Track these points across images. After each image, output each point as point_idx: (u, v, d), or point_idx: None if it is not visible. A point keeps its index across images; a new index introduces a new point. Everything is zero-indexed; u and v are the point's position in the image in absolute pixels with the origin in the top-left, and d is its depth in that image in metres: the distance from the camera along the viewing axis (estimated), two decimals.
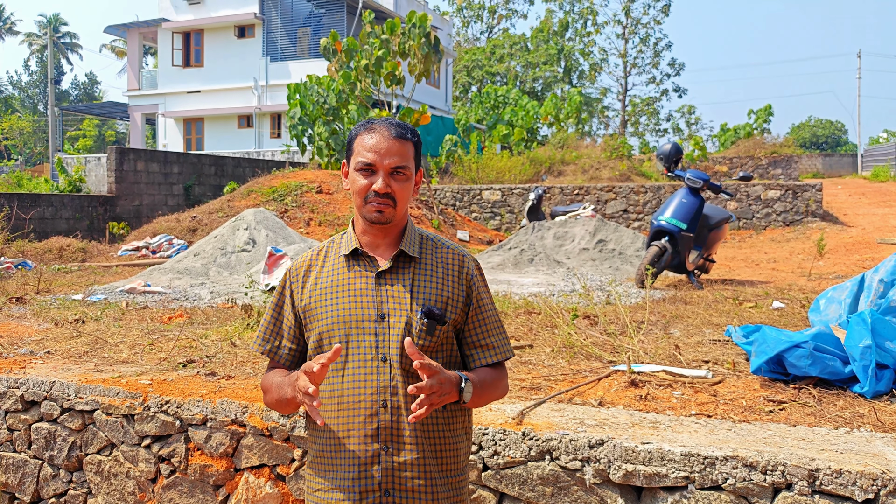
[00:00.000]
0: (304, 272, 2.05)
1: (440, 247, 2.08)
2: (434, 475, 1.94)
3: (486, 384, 2.00)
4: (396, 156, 1.94)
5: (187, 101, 31.98)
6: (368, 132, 1.97)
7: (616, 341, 4.63)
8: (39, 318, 6.26)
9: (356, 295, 1.97)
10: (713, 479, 2.68)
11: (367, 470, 1.89)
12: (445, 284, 2.01)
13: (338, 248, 2.06)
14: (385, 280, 1.98)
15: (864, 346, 3.55)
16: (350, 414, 1.91)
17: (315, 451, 2.00)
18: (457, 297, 2.02)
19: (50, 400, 3.92)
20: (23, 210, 15.31)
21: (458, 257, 2.07)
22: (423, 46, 18.38)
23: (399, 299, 1.96)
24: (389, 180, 1.94)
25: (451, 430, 2.00)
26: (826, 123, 65.96)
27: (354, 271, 2.00)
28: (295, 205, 14.92)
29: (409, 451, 1.91)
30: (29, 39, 65.66)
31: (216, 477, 3.53)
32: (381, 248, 2.02)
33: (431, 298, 1.98)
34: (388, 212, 1.95)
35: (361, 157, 1.95)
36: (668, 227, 8.39)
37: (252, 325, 5.42)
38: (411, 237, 2.04)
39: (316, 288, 2.01)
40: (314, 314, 1.99)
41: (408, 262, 2.01)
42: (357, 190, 1.96)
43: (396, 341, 1.93)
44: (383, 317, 1.94)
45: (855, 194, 23.29)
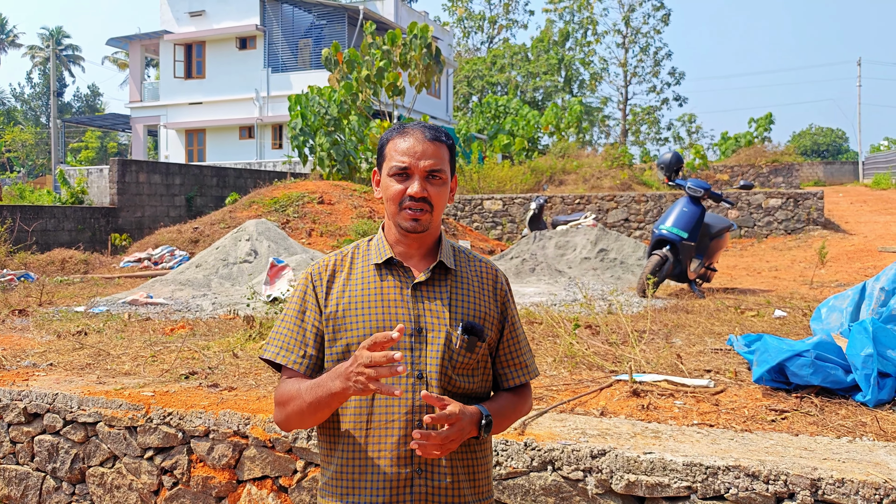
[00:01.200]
0: (329, 277, 1.91)
1: (473, 260, 1.99)
2: (468, 499, 1.85)
3: (508, 411, 1.93)
4: (432, 158, 1.84)
5: (189, 112, 32.11)
6: (401, 136, 1.87)
7: (618, 351, 4.63)
8: (42, 330, 6.27)
9: (390, 306, 1.84)
10: (715, 489, 2.68)
11: (400, 495, 1.78)
12: (482, 299, 1.92)
13: (365, 255, 1.94)
14: (421, 292, 1.87)
15: (865, 355, 3.55)
16: (381, 434, 1.79)
17: (332, 473, 1.86)
18: (493, 314, 1.94)
19: (53, 412, 3.92)
20: (25, 222, 15.35)
21: (492, 272, 1.99)
22: (425, 57, 18.46)
23: (437, 313, 1.85)
24: (425, 184, 1.84)
25: (483, 452, 1.92)
26: (827, 131, 66.05)
27: (388, 281, 1.87)
28: (296, 215, 14.95)
29: (444, 476, 1.81)
30: (31, 52, 66.02)
31: (218, 489, 3.53)
32: (415, 259, 1.91)
33: (470, 313, 1.88)
34: (425, 218, 1.84)
35: (395, 161, 1.84)
36: (669, 237, 8.40)
37: (254, 336, 5.43)
38: (447, 248, 1.94)
39: (344, 295, 1.87)
40: (343, 324, 1.85)
41: (444, 274, 1.91)
42: (391, 196, 1.85)
43: (435, 358, 1.82)
44: (420, 331, 1.83)
45: (856, 202, 23.29)
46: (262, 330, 5.57)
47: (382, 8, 32.76)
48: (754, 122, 34.48)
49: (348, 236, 13.87)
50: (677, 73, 51.21)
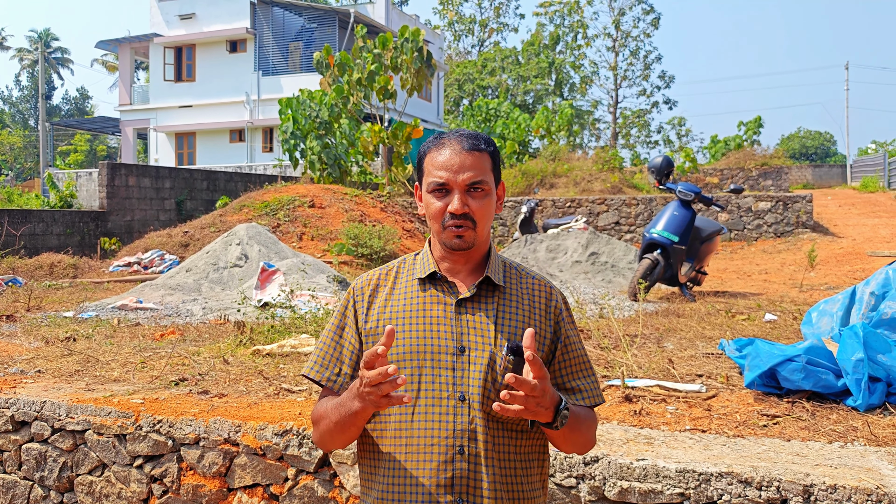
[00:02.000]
0: (371, 292, 1.84)
1: (525, 276, 1.87)
2: None
3: (581, 420, 1.77)
4: (471, 170, 1.73)
5: (179, 115, 31.98)
6: (438, 148, 1.77)
7: (610, 355, 4.63)
8: (30, 336, 6.21)
9: (433, 323, 1.75)
10: (708, 496, 2.68)
11: None
12: (532, 318, 1.79)
13: (410, 270, 1.85)
14: (466, 309, 1.77)
15: (856, 360, 3.56)
16: (421, 459, 1.69)
17: (377, 494, 1.76)
18: (544, 333, 1.80)
19: (41, 420, 3.88)
20: (13, 226, 15.23)
21: (546, 289, 1.86)
22: (416, 61, 18.46)
23: (482, 332, 1.74)
24: (466, 199, 1.73)
25: (530, 482, 1.78)
26: (815, 135, 66.45)
27: (431, 296, 1.78)
28: (287, 219, 14.90)
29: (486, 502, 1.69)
30: (20, 54, 65.62)
31: (209, 497, 3.50)
32: (461, 274, 1.82)
33: (518, 333, 1.75)
34: (469, 235, 1.74)
35: (433, 176, 1.75)
36: (660, 240, 8.43)
37: (245, 342, 5.40)
38: (496, 263, 1.83)
39: (385, 311, 1.80)
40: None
41: (492, 290, 1.80)
42: (432, 214, 1.76)
43: (478, 379, 1.71)
44: (463, 350, 1.73)
45: (845, 205, 23.44)
46: (252, 335, 5.55)
47: (373, 11, 32.75)
48: (743, 126, 34.63)
49: (339, 240, 13.84)
50: (667, 77, 51.42)
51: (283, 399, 3.91)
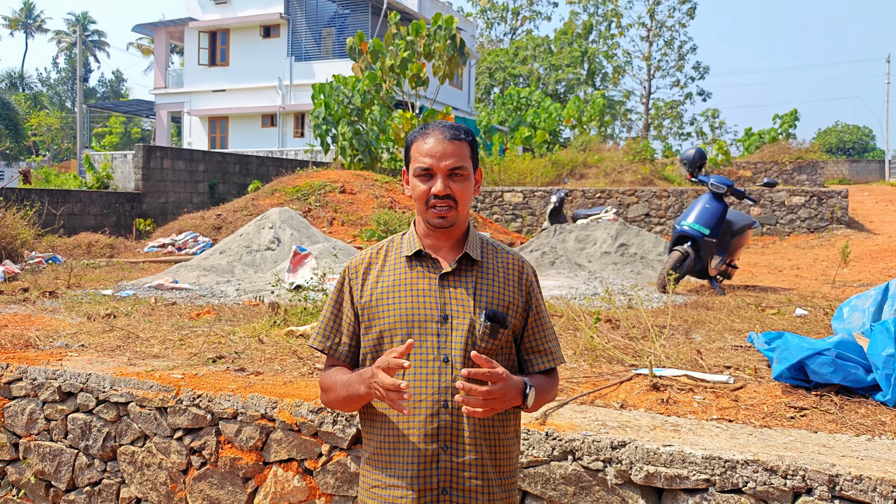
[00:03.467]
0: (364, 270, 2.07)
1: (500, 252, 2.10)
2: (490, 476, 1.98)
3: (546, 388, 2.06)
4: (452, 157, 1.96)
5: (212, 99, 32.35)
6: (423, 137, 2.00)
7: (638, 345, 4.68)
8: (72, 312, 6.42)
9: (419, 295, 1.98)
10: (734, 483, 2.73)
11: (427, 469, 1.93)
12: (506, 289, 2.03)
13: (398, 248, 2.08)
14: (448, 282, 2.00)
15: (887, 355, 3.56)
16: (411, 414, 1.93)
17: (372, 449, 2.03)
18: (517, 303, 2.04)
19: (86, 392, 4.04)
20: (53, 206, 15.61)
21: (518, 263, 2.10)
22: (449, 49, 18.47)
23: (462, 301, 1.98)
24: (448, 182, 1.96)
25: (506, 433, 2.04)
26: (853, 129, 65.16)
27: (417, 272, 2.01)
28: (318, 204, 15.07)
29: (468, 452, 1.94)
30: (58, 37, 66.77)
31: (245, 470, 3.63)
32: (443, 251, 2.04)
33: (494, 302, 2.00)
34: (451, 215, 1.98)
35: (418, 162, 1.98)
36: (690, 233, 8.40)
37: (279, 322, 5.53)
38: (474, 241, 2.07)
39: (377, 286, 2.03)
40: (375, 312, 2.01)
41: (471, 265, 2.03)
42: (418, 195, 1.99)
43: (459, 343, 1.95)
44: (446, 318, 1.96)
45: (882, 201, 23.02)
46: (286, 317, 5.68)
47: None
48: (779, 119, 34.09)
49: (369, 226, 13.97)
50: (702, 68, 50.71)
51: (317, 378, 4.02)
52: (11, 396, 4.28)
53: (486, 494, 1.96)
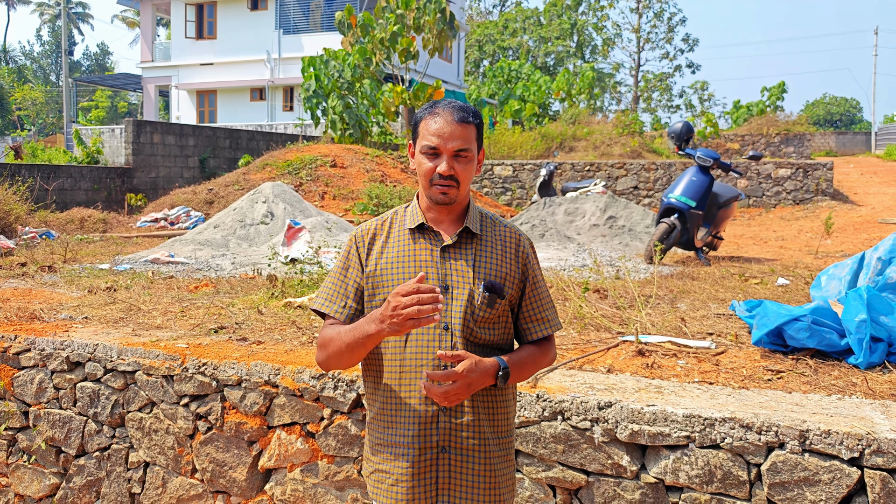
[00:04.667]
0: (370, 240, 2.17)
1: (498, 225, 2.21)
2: (487, 435, 2.10)
3: (529, 362, 2.16)
4: (459, 139, 2.04)
5: (200, 73, 32.10)
6: (432, 116, 2.07)
7: (625, 314, 4.86)
8: (72, 285, 6.53)
9: (421, 266, 2.09)
10: (712, 439, 2.92)
11: (427, 429, 2.05)
12: (504, 261, 2.15)
13: (402, 221, 2.18)
14: (449, 254, 2.11)
15: (859, 321, 3.75)
16: (412, 377, 2.06)
17: (375, 411, 2.15)
18: (514, 274, 2.16)
19: (94, 361, 4.19)
20: (44, 181, 15.60)
21: (516, 236, 2.21)
22: (438, 22, 18.43)
23: (462, 273, 2.10)
24: (453, 163, 2.04)
25: (503, 394, 2.16)
26: (841, 101, 65.37)
27: (420, 244, 2.12)
28: (309, 178, 15.13)
29: (466, 413, 2.07)
30: (40, 9, 65.69)
31: (250, 434, 3.80)
32: (445, 224, 2.14)
33: (492, 273, 2.12)
34: (452, 193, 2.07)
35: (426, 140, 2.05)
36: (677, 205, 8.57)
37: (277, 294, 5.67)
38: (474, 215, 2.17)
39: (382, 256, 2.13)
40: (381, 281, 2.11)
41: (470, 238, 2.14)
42: (422, 172, 2.07)
43: (459, 312, 2.06)
44: (447, 288, 2.08)
45: (867, 173, 23.28)
46: (284, 289, 5.82)
47: None
48: (767, 91, 34.22)
49: (361, 199, 14.07)
50: (691, 40, 50.65)
51: (316, 347, 4.18)
52: (20, 367, 4.42)
53: (483, 453, 2.08)
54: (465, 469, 2.08)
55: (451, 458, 2.07)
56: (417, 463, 2.06)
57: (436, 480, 2.08)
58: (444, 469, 2.07)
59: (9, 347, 4.46)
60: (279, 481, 3.76)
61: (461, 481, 2.08)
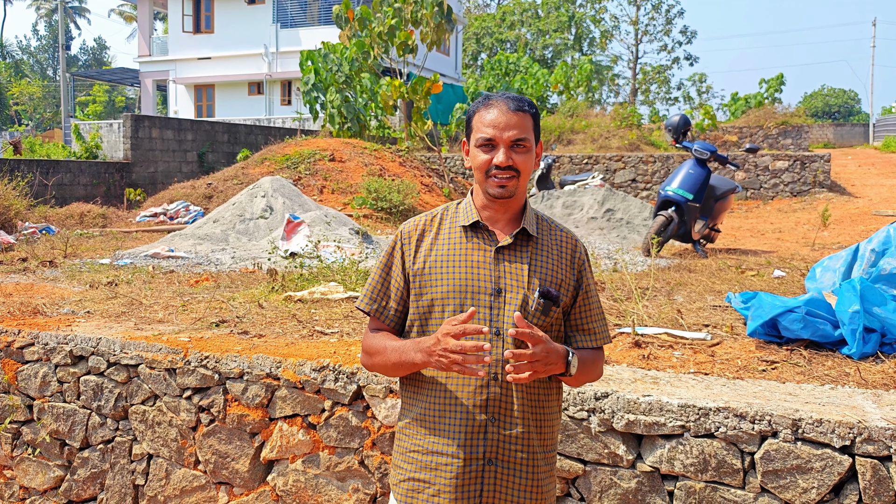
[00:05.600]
0: (418, 237, 2.07)
1: (555, 229, 2.12)
2: (536, 449, 2.01)
3: (588, 363, 2.06)
4: (516, 129, 1.95)
5: (198, 67, 32.07)
6: (486, 108, 1.99)
7: (622, 306, 4.91)
8: (73, 280, 6.58)
9: (474, 267, 1.99)
10: (706, 428, 2.97)
11: (474, 439, 1.94)
12: (560, 267, 2.06)
13: (453, 217, 2.08)
14: (504, 256, 2.01)
15: (853, 311, 3.81)
16: (460, 383, 1.96)
17: (416, 414, 2.03)
18: (569, 281, 2.07)
19: (97, 355, 4.24)
20: (43, 176, 15.62)
21: (572, 241, 2.12)
22: (436, 15, 18.42)
23: (517, 276, 1.99)
24: (510, 153, 1.96)
25: (550, 407, 2.07)
26: (839, 93, 65.36)
27: (473, 243, 2.02)
28: (308, 172, 15.16)
29: (516, 425, 1.97)
30: (37, 3, 65.51)
31: (252, 425, 3.85)
32: (500, 223, 2.05)
33: (547, 279, 2.02)
34: (511, 184, 1.97)
35: (481, 132, 1.97)
36: (674, 198, 8.62)
37: (277, 288, 5.72)
38: (531, 216, 2.08)
39: (431, 254, 2.03)
40: (428, 280, 2.01)
41: (527, 240, 2.04)
42: (478, 165, 1.98)
43: (511, 317, 1.94)
44: (500, 291, 1.98)
45: (864, 165, 23.33)
46: (284, 283, 5.87)
47: None
48: (765, 83, 34.21)
49: (359, 194, 14.10)
50: (689, 32, 50.59)
51: (317, 340, 4.23)
52: (24, 361, 4.47)
53: (531, 467, 1.99)
54: (511, 483, 1.98)
55: (498, 471, 1.97)
56: (462, 474, 1.95)
57: (480, 493, 1.97)
58: (490, 482, 1.97)
59: (12, 342, 4.50)
60: (281, 472, 3.81)
61: (507, 495, 1.98)
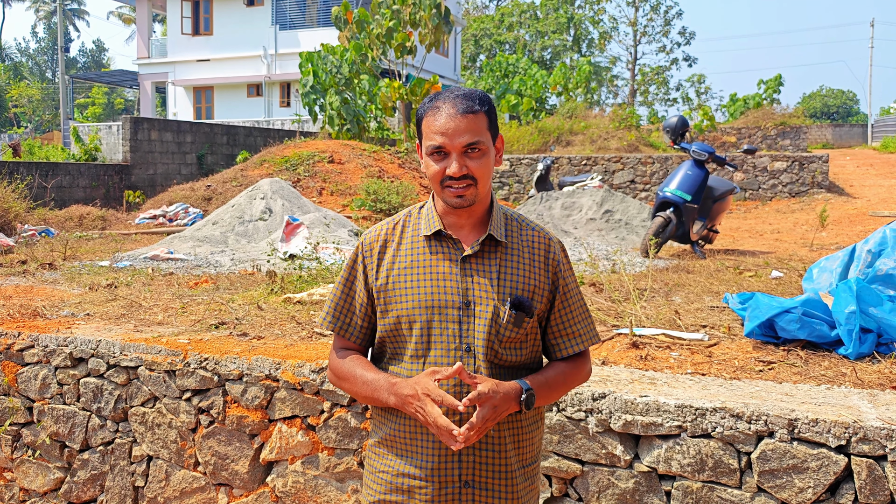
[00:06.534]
0: (380, 248, 1.93)
1: (525, 228, 1.96)
2: (513, 466, 1.90)
3: (559, 381, 1.93)
4: (467, 133, 1.78)
5: (197, 69, 32.10)
6: (434, 112, 1.81)
7: (620, 307, 4.92)
8: (72, 282, 6.59)
9: (440, 279, 1.85)
10: (703, 428, 2.99)
11: (447, 461, 1.84)
12: (532, 272, 1.91)
13: (416, 225, 1.93)
14: (471, 265, 1.87)
15: (849, 312, 3.82)
16: None
17: (385, 433, 1.93)
18: (543, 286, 1.92)
19: (96, 357, 4.25)
20: (43, 178, 15.63)
21: (545, 241, 1.96)
22: (434, 17, 18.46)
23: (486, 287, 1.85)
24: (464, 160, 1.79)
25: (529, 420, 1.95)
26: (837, 93, 65.46)
27: (437, 253, 1.88)
28: (307, 174, 15.18)
29: (491, 443, 1.86)
30: (36, 6, 65.55)
31: (252, 427, 3.86)
32: (465, 230, 1.90)
33: (519, 287, 1.88)
34: (470, 193, 1.82)
35: (430, 140, 1.81)
36: (673, 199, 8.64)
37: (276, 290, 5.74)
38: (498, 218, 1.92)
39: (394, 267, 1.89)
40: (393, 296, 1.88)
41: (494, 246, 1.90)
42: (432, 175, 1.83)
43: (483, 331, 1.84)
44: (469, 304, 1.84)
45: (863, 165, 23.36)
46: (283, 285, 5.88)
47: None
48: (763, 84, 34.29)
49: (358, 195, 14.12)
50: (688, 33, 50.67)
51: (316, 342, 4.25)
52: (24, 363, 4.48)
53: (510, 486, 1.88)
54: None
55: (476, 492, 1.86)
56: (437, 499, 1.85)
57: None
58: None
59: (12, 344, 4.52)
60: (280, 473, 3.83)
61: None
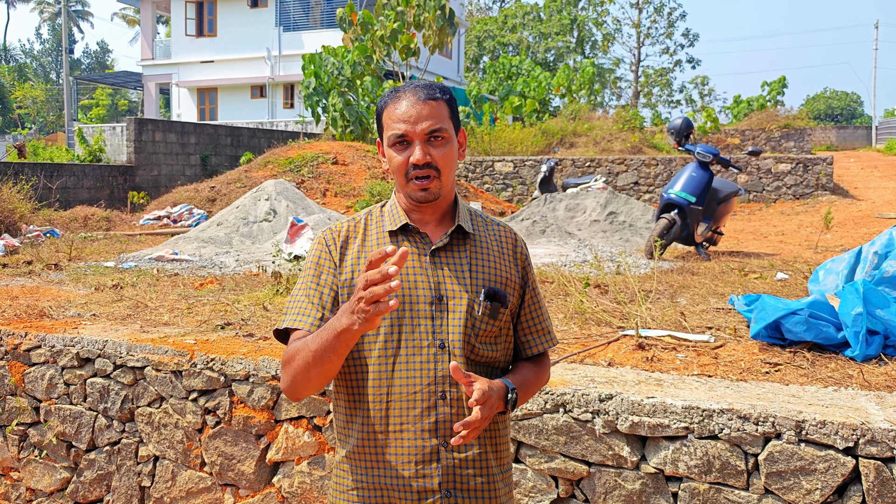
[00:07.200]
0: (342, 244, 1.83)
1: (489, 223, 1.93)
2: (494, 471, 1.83)
3: (532, 382, 1.89)
4: (429, 119, 1.72)
5: (201, 70, 32.16)
6: (395, 102, 1.76)
7: (625, 308, 4.92)
8: (78, 283, 6.61)
9: (409, 274, 1.76)
10: (710, 430, 2.99)
11: (426, 468, 1.73)
12: (503, 263, 1.87)
13: (379, 222, 1.85)
14: (441, 258, 1.80)
15: (856, 314, 3.82)
16: (403, 407, 1.73)
17: (353, 445, 1.79)
18: (514, 278, 1.88)
19: (103, 357, 4.26)
20: (48, 179, 15.68)
21: (512, 235, 1.94)
22: (438, 19, 18.48)
23: (458, 279, 1.78)
24: (427, 148, 1.73)
25: (505, 424, 1.89)
26: (841, 95, 65.35)
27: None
28: (311, 176, 15.20)
29: (471, 447, 1.78)
30: (40, 7, 65.72)
31: (258, 427, 3.87)
32: (430, 225, 1.84)
33: (491, 279, 1.82)
34: (434, 185, 1.75)
35: (392, 129, 1.74)
36: (677, 201, 8.63)
37: (282, 291, 5.74)
38: (463, 211, 1.87)
39: (359, 263, 1.79)
40: None
41: (463, 238, 1.84)
42: (395, 167, 1.76)
43: (457, 326, 1.75)
44: (441, 299, 1.76)
45: (867, 167, 23.32)
46: (288, 285, 5.89)
47: None
48: (767, 86, 34.26)
49: (362, 196, 14.14)
50: (691, 35, 50.63)
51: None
52: (31, 363, 4.50)
53: (492, 492, 1.81)
54: None
55: (458, 502, 1.76)
56: None
57: None
58: None
59: (19, 344, 4.53)
60: (287, 474, 3.83)
61: None
